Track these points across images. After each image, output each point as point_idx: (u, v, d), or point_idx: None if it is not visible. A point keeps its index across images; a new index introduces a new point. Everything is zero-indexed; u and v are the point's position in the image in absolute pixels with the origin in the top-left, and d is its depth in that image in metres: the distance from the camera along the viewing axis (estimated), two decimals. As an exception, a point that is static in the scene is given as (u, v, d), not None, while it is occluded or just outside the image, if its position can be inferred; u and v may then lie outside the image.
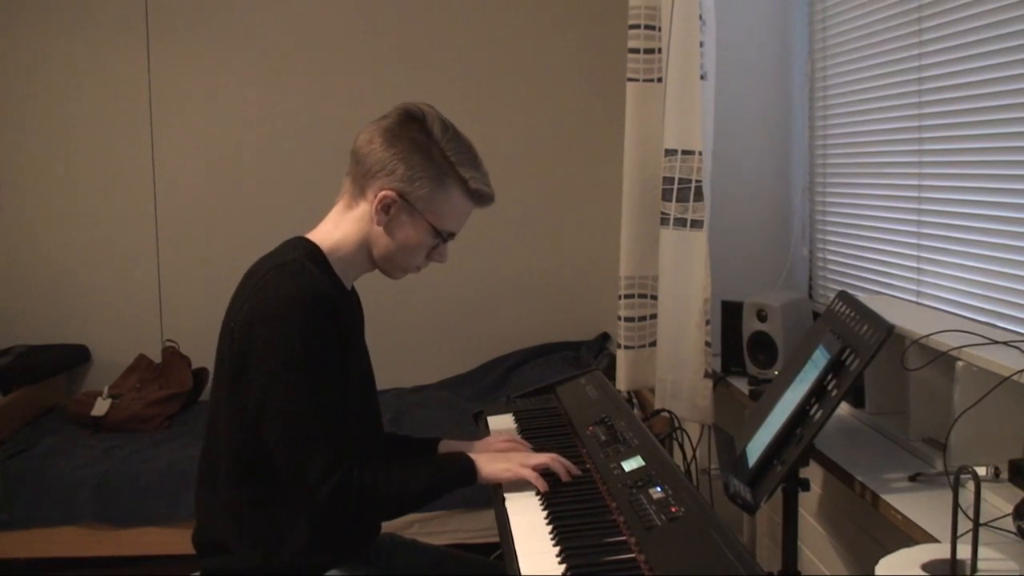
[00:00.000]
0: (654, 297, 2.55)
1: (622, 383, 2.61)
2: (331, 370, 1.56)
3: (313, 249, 1.65)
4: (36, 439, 3.28)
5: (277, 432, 1.53)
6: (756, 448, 1.57)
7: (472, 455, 1.67)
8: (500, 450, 1.80)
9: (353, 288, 1.77)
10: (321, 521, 1.59)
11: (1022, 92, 1.69)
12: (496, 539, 1.58)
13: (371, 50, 3.91)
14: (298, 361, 1.52)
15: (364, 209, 1.65)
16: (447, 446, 1.91)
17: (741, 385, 2.35)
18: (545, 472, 1.66)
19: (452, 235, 1.69)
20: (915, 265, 2.09)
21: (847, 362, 1.52)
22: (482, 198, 1.68)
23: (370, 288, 1.84)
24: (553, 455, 1.69)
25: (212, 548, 1.65)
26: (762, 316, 2.28)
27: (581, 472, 1.67)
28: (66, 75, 3.87)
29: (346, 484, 1.52)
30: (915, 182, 2.08)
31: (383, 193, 1.62)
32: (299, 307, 1.53)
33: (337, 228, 1.67)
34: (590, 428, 1.88)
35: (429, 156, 1.62)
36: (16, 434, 3.34)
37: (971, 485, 1.17)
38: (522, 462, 1.66)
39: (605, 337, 3.96)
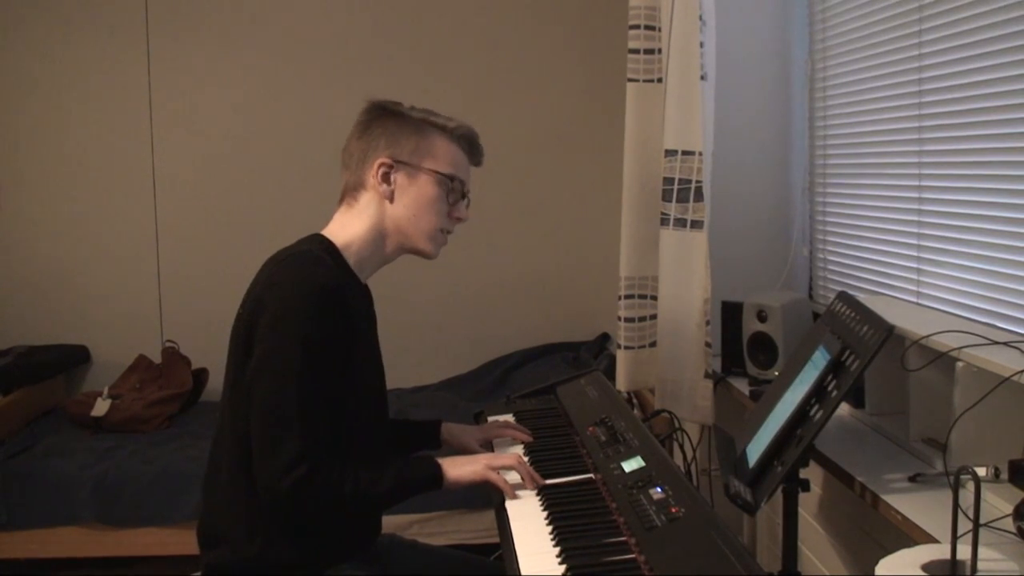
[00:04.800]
0: (654, 297, 2.55)
1: (622, 383, 2.61)
2: (327, 363, 1.56)
3: (329, 244, 1.68)
4: (36, 439, 3.28)
5: (257, 413, 1.54)
6: (756, 448, 1.57)
7: (439, 459, 1.67)
8: (492, 436, 1.92)
9: (367, 285, 1.78)
10: (278, 511, 1.58)
11: (1022, 92, 1.69)
12: (496, 539, 1.58)
13: (371, 50, 3.90)
14: (294, 345, 1.53)
15: (367, 197, 1.70)
16: (448, 429, 1.94)
17: (741, 385, 2.35)
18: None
19: (461, 183, 1.73)
20: (915, 265, 2.09)
21: (847, 363, 1.52)
22: (468, 139, 1.75)
23: (371, 288, 1.84)
24: (519, 458, 1.70)
25: (214, 541, 1.65)
26: (762, 316, 2.28)
27: (544, 482, 1.66)
28: (66, 75, 3.87)
29: (308, 480, 1.51)
30: (915, 182, 2.08)
31: (377, 163, 1.68)
32: (306, 296, 1.55)
33: (345, 227, 1.71)
34: (590, 428, 1.88)
35: (403, 118, 1.72)
36: (16, 434, 3.33)
37: (971, 485, 1.17)
38: (488, 464, 1.67)
39: (605, 337, 3.95)
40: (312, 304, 1.54)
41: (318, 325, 1.54)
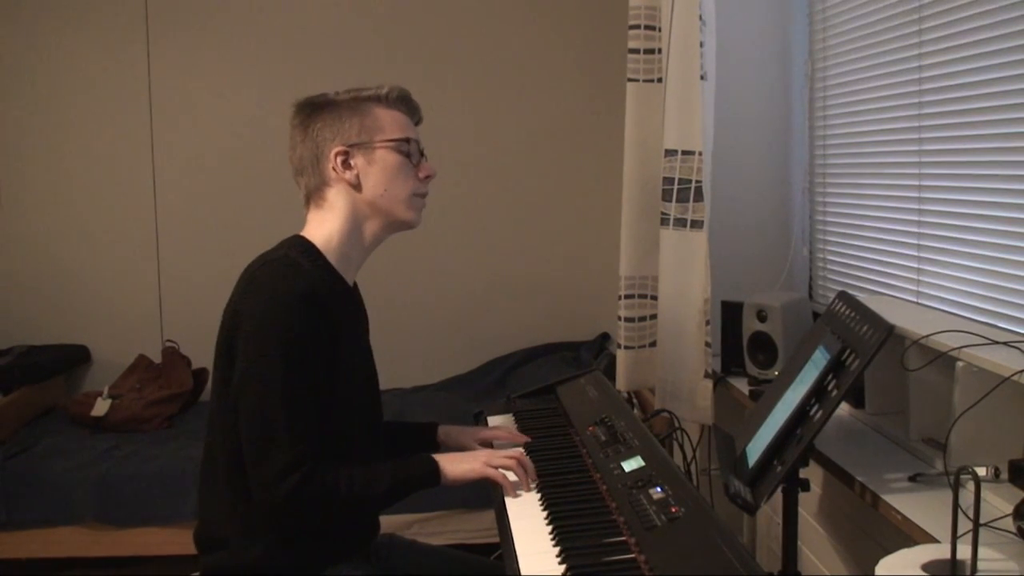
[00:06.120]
0: (654, 297, 2.55)
1: (622, 383, 2.61)
2: (310, 367, 1.56)
3: (308, 246, 1.67)
4: (36, 439, 3.27)
5: (246, 421, 1.54)
6: (756, 448, 1.57)
7: (436, 456, 1.67)
8: (490, 438, 1.89)
9: (355, 285, 1.77)
10: (277, 517, 1.58)
11: (1022, 92, 1.69)
12: (496, 539, 1.58)
13: (371, 49, 3.90)
14: (275, 354, 1.52)
15: (334, 191, 1.69)
16: (445, 432, 1.93)
17: (741, 385, 2.35)
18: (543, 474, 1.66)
19: (416, 142, 1.72)
20: (915, 265, 2.09)
21: (847, 362, 1.52)
22: (402, 99, 1.74)
23: (370, 288, 1.84)
24: (520, 454, 1.70)
25: (212, 544, 1.65)
26: (762, 316, 2.28)
27: (537, 479, 1.67)
28: (66, 75, 3.87)
29: (303, 487, 1.51)
30: (915, 182, 2.08)
31: (333, 153, 1.67)
32: (283, 302, 1.54)
33: (322, 224, 1.69)
34: (590, 428, 1.88)
35: (337, 105, 1.71)
36: (16, 434, 3.33)
37: (971, 485, 1.17)
38: (486, 461, 1.67)
39: (605, 337, 3.96)
40: (288, 311, 1.54)
41: (296, 331, 1.54)
